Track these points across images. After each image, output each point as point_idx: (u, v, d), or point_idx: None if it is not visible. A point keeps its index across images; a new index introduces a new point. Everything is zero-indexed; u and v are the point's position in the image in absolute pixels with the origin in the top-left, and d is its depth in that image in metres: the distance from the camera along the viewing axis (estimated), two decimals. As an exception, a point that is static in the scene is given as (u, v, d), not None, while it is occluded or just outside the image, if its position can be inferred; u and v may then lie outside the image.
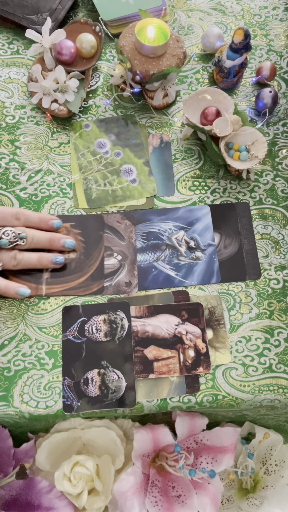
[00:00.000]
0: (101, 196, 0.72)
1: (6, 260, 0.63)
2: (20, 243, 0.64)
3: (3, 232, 0.63)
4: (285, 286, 0.68)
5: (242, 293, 0.68)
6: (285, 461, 0.69)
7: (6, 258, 0.63)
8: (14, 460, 0.63)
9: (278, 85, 0.82)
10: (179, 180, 0.74)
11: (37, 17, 0.80)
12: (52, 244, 0.67)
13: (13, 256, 0.64)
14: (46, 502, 0.63)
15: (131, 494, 0.62)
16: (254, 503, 0.69)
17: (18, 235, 0.63)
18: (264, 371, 0.63)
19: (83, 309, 0.65)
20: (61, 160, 0.74)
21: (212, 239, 0.70)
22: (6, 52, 0.81)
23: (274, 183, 0.75)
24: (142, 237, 0.70)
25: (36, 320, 0.65)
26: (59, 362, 0.63)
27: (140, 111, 0.79)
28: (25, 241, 0.64)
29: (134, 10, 0.81)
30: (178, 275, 0.68)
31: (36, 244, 0.65)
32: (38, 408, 0.60)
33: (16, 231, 0.64)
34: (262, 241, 0.71)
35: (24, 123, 0.76)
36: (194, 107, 0.75)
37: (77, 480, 0.62)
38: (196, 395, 0.62)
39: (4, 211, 0.65)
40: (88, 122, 0.77)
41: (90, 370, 0.62)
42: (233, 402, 0.62)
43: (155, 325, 0.65)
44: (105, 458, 0.64)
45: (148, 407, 0.61)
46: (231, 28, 0.86)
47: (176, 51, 0.75)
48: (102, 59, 0.82)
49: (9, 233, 0.63)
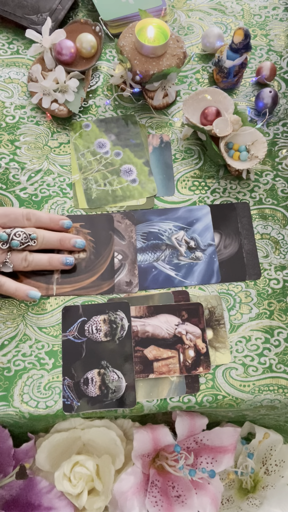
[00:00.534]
0: (101, 196, 0.72)
1: (17, 262, 0.63)
2: (31, 244, 0.63)
3: (15, 233, 0.62)
4: (285, 286, 0.68)
5: (242, 293, 0.68)
6: (285, 461, 0.69)
7: (16, 260, 0.63)
8: (14, 460, 0.63)
9: (278, 85, 0.82)
10: (179, 180, 0.74)
11: (37, 17, 0.80)
12: (62, 244, 0.66)
13: (24, 257, 0.63)
14: (46, 502, 0.63)
15: (131, 494, 0.62)
16: (254, 503, 0.69)
17: (29, 236, 0.63)
18: (264, 371, 0.63)
19: (83, 309, 0.65)
20: (61, 160, 0.74)
21: (212, 239, 0.70)
22: (6, 52, 0.81)
23: (274, 183, 0.75)
24: (142, 237, 0.70)
25: (36, 320, 0.65)
26: (59, 362, 0.63)
27: (140, 111, 0.79)
28: (36, 242, 0.64)
29: (134, 10, 0.81)
30: (178, 275, 0.68)
31: (46, 245, 0.65)
32: (38, 408, 0.60)
33: (27, 232, 0.63)
34: (262, 241, 0.71)
35: (24, 123, 0.76)
36: (194, 107, 0.75)
37: (77, 480, 0.62)
38: (196, 395, 0.62)
39: (15, 212, 0.64)
40: (88, 122, 0.77)
41: (90, 370, 0.62)
42: (233, 402, 0.62)
43: (155, 325, 0.65)
44: (105, 458, 0.64)
45: (148, 407, 0.61)
46: (231, 28, 0.86)
47: (176, 51, 0.75)
48: (102, 59, 0.82)
49: (20, 234, 0.62)
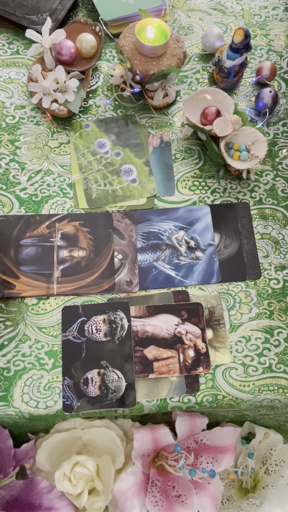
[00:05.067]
0: (101, 196, 0.72)
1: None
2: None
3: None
4: (285, 286, 0.68)
5: (242, 293, 0.68)
6: (285, 461, 0.69)
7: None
8: (14, 460, 0.63)
9: (278, 85, 0.82)
10: (179, 180, 0.74)
11: (37, 17, 0.80)
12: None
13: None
14: (46, 502, 0.63)
15: (131, 494, 0.62)
16: (254, 503, 0.69)
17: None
18: (264, 371, 0.63)
19: (83, 309, 0.65)
20: (61, 160, 0.74)
21: (212, 239, 0.70)
22: (6, 52, 0.81)
23: (274, 183, 0.75)
24: (142, 237, 0.70)
25: (36, 320, 0.65)
26: (59, 362, 0.63)
27: (140, 111, 0.79)
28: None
29: (134, 10, 0.81)
30: (178, 275, 0.68)
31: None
32: (38, 408, 0.60)
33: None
34: (262, 241, 0.71)
35: (24, 123, 0.76)
36: (194, 107, 0.75)
37: (77, 480, 0.62)
38: (196, 395, 0.62)
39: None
40: (88, 122, 0.77)
41: (90, 370, 0.62)
42: (233, 402, 0.62)
43: (155, 325, 0.65)
44: (105, 458, 0.64)
45: (148, 407, 0.61)
46: (231, 28, 0.86)
47: (176, 51, 0.75)
48: (102, 59, 0.82)
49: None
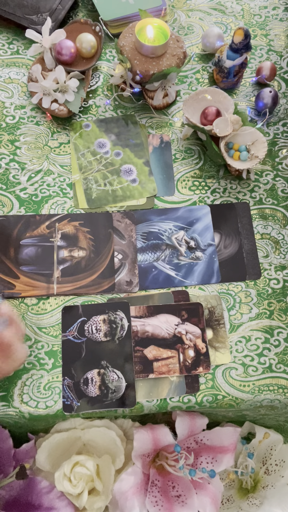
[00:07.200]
0: (101, 196, 0.72)
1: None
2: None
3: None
4: (285, 286, 0.68)
5: (242, 293, 0.68)
6: (285, 461, 0.69)
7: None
8: (14, 460, 0.63)
9: (278, 85, 0.82)
10: (179, 180, 0.74)
11: (37, 17, 0.80)
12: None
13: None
14: (46, 502, 0.63)
15: (131, 494, 0.62)
16: (254, 503, 0.69)
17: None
18: (264, 371, 0.63)
19: (83, 309, 0.65)
20: (61, 160, 0.74)
21: (212, 239, 0.70)
22: (6, 52, 0.81)
23: (274, 183, 0.75)
24: (142, 237, 0.70)
25: (36, 320, 0.65)
26: (59, 362, 0.63)
27: (140, 111, 0.79)
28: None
29: (134, 10, 0.81)
30: (178, 275, 0.68)
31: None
32: (38, 408, 0.60)
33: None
34: (262, 241, 0.71)
35: (24, 123, 0.76)
36: (194, 107, 0.75)
37: (77, 480, 0.62)
38: (196, 395, 0.62)
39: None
40: (88, 122, 0.77)
41: (90, 370, 0.62)
42: (233, 402, 0.62)
43: (155, 325, 0.65)
44: (105, 458, 0.64)
45: (148, 407, 0.61)
46: (231, 28, 0.86)
47: (176, 51, 0.75)
48: (102, 59, 0.82)
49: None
